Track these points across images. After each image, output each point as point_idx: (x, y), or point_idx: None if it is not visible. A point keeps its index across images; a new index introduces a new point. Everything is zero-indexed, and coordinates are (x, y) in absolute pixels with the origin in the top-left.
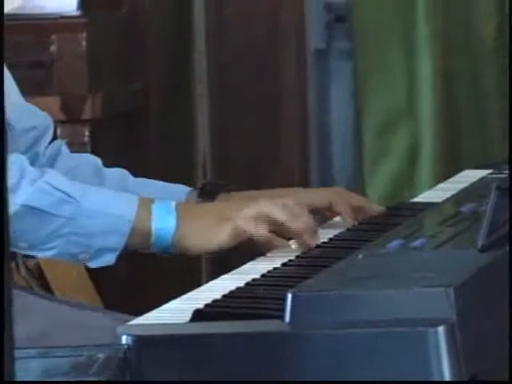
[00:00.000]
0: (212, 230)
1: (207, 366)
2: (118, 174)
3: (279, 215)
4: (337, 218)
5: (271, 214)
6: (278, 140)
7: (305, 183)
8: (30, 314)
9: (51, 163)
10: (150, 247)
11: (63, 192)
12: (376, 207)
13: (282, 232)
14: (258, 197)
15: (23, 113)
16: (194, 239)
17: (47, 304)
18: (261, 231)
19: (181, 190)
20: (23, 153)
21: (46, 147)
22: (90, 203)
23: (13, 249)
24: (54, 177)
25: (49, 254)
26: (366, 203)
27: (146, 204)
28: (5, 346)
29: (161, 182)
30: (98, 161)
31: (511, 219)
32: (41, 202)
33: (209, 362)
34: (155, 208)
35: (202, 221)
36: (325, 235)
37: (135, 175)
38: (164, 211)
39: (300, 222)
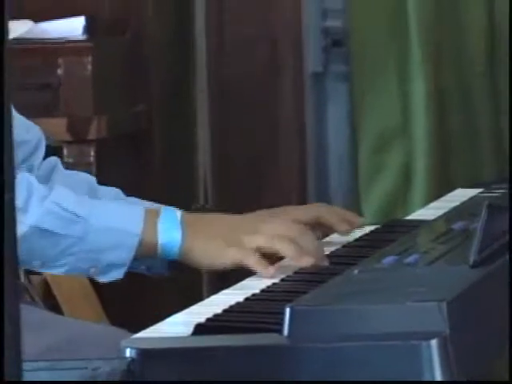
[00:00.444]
0: (218, 252)
1: (209, 378)
2: (112, 192)
3: (286, 253)
4: (333, 235)
5: (278, 250)
6: (278, 159)
7: (302, 199)
8: (46, 329)
9: (47, 178)
10: (157, 258)
11: (71, 213)
12: (361, 219)
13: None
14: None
15: (16, 126)
16: (199, 257)
17: (62, 320)
18: (260, 268)
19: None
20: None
21: (41, 162)
22: (98, 220)
23: (27, 267)
24: (61, 195)
25: (61, 270)
26: (354, 217)
27: (151, 217)
28: (13, 359)
29: (150, 203)
30: (93, 179)
31: (511, 228)
32: (50, 224)
33: (210, 374)
34: (161, 221)
35: (210, 240)
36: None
37: (140, 193)
38: (170, 225)
39: (307, 258)
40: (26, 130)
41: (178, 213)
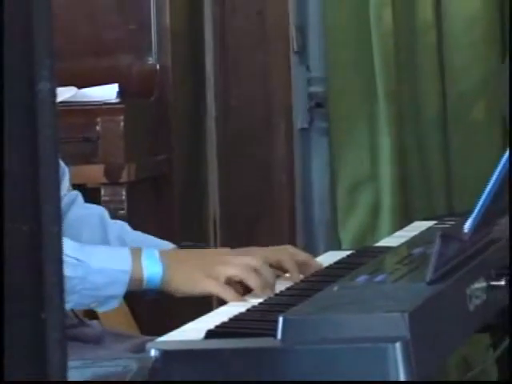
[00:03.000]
0: (195, 281)
1: (217, 374)
2: (119, 226)
3: (251, 282)
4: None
5: (245, 280)
6: (272, 197)
7: (292, 230)
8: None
9: (67, 209)
10: (143, 290)
11: (75, 258)
12: (317, 263)
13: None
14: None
15: None
16: (179, 285)
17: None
18: (229, 297)
19: (166, 245)
20: None
21: (65, 194)
22: (96, 262)
23: None
24: (66, 244)
25: (68, 306)
26: (310, 259)
27: (136, 256)
28: (58, 361)
29: (150, 237)
30: (105, 212)
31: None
32: None
33: (218, 370)
34: (143, 258)
35: (188, 270)
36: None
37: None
38: (152, 261)
39: (267, 288)
40: None
41: (156, 251)
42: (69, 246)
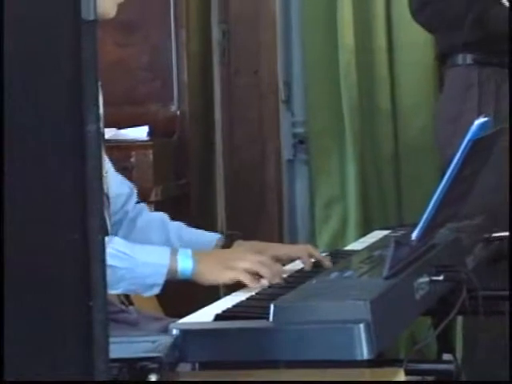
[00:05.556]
0: (218, 273)
1: (223, 348)
2: (177, 225)
3: (263, 272)
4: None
5: (258, 271)
6: (266, 212)
7: (280, 236)
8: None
9: (135, 219)
10: (179, 279)
11: (123, 252)
12: (328, 263)
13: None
14: (257, 247)
15: (117, 180)
16: (205, 277)
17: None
18: (248, 281)
19: (213, 236)
20: (117, 211)
21: (133, 207)
22: (141, 257)
23: None
24: (117, 242)
25: (118, 291)
26: (324, 259)
27: (174, 253)
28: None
29: (200, 230)
30: (165, 216)
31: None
32: (110, 260)
33: (224, 345)
34: (179, 255)
35: (213, 265)
36: (294, 268)
37: None
38: (185, 257)
39: (275, 276)
40: (120, 185)
41: (190, 250)
42: (121, 244)
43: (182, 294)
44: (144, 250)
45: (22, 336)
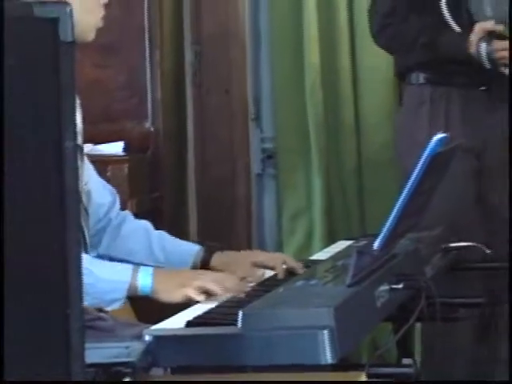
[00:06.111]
0: (173, 291)
1: (194, 353)
2: (160, 235)
3: (214, 289)
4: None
5: (209, 289)
6: (235, 225)
7: (249, 247)
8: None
9: (119, 226)
10: (139, 295)
11: (86, 268)
12: (302, 270)
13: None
14: (236, 256)
15: (99, 188)
16: (162, 295)
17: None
18: (198, 299)
19: (193, 245)
20: (101, 219)
21: (117, 215)
22: (102, 274)
23: None
24: (84, 258)
25: (84, 303)
26: (298, 266)
27: (135, 270)
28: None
29: (182, 241)
30: (149, 225)
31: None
32: None
33: (195, 350)
34: (140, 273)
35: (169, 284)
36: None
37: None
38: (145, 275)
39: (228, 293)
40: (103, 193)
41: (151, 268)
42: (86, 260)
43: (155, 301)
44: (107, 267)
45: (9, 337)
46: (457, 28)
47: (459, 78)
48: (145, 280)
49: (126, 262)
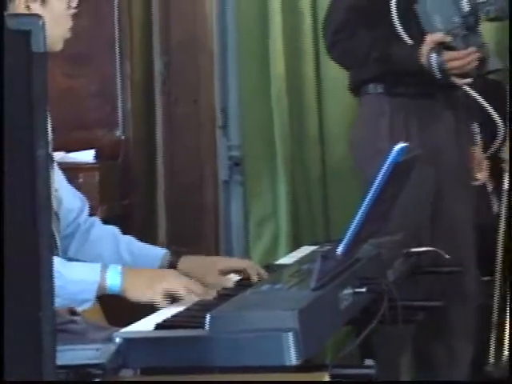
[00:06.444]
0: (142, 291)
1: (163, 355)
2: (128, 240)
3: (180, 293)
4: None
5: (175, 292)
6: (203, 230)
7: (217, 251)
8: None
9: (88, 231)
10: (108, 295)
11: (56, 271)
12: (264, 273)
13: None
14: (204, 261)
15: (69, 195)
16: (131, 294)
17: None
18: (161, 304)
19: (160, 250)
20: (70, 224)
21: (85, 220)
22: (71, 275)
23: None
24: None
25: (55, 305)
26: (262, 272)
27: (104, 270)
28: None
29: (149, 245)
30: (116, 230)
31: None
32: None
33: (164, 352)
34: (108, 272)
35: (138, 283)
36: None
37: None
38: (114, 274)
39: (193, 297)
40: (73, 198)
41: (120, 267)
42: (56, 262)
43: (124, 302)
44: (76, 268)
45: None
46: (408, 40)
47: (413, 89)
48: (113, 279)
49: None
